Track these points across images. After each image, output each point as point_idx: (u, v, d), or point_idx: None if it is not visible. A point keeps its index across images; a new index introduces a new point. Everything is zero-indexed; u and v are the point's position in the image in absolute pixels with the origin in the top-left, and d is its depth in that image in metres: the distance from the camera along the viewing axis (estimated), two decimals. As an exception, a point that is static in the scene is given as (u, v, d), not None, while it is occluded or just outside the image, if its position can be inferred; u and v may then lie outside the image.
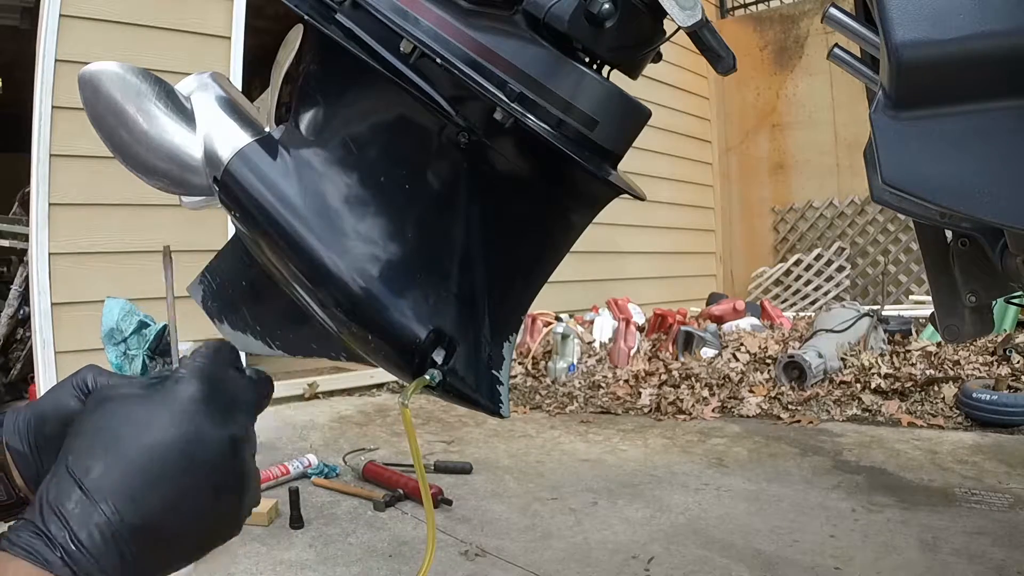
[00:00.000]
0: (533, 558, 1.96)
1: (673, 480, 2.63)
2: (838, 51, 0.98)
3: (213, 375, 0.48)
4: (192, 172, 0.83)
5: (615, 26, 0.75)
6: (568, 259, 0.89)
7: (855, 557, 1.91)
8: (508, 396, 0.83)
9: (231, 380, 0.49)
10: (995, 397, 3.12)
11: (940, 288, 1.19)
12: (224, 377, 0.49)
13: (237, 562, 1.95)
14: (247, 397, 0.50)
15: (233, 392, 0.49)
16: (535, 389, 4.18)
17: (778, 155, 7.48)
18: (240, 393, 0.50)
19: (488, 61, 0.75)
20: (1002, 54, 0.60)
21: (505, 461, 2.91)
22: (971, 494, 2.35)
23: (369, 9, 0.77)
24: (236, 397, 0.49)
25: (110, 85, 0.80)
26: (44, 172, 3.33)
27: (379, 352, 0.80)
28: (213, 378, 0.47)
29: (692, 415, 3.62)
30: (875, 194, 1.04)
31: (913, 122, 0.63)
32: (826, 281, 7.02)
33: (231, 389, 0.49)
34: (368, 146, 0.81)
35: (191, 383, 0.46)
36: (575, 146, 0.76)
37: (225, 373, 0.49)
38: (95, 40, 3.42)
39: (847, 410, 3.48)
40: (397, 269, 0.79)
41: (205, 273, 1.02)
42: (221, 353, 0.50)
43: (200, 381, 0.46)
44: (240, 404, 0.49)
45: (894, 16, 0.61)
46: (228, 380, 0.49)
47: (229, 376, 0.49)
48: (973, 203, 0.63)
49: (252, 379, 0.52)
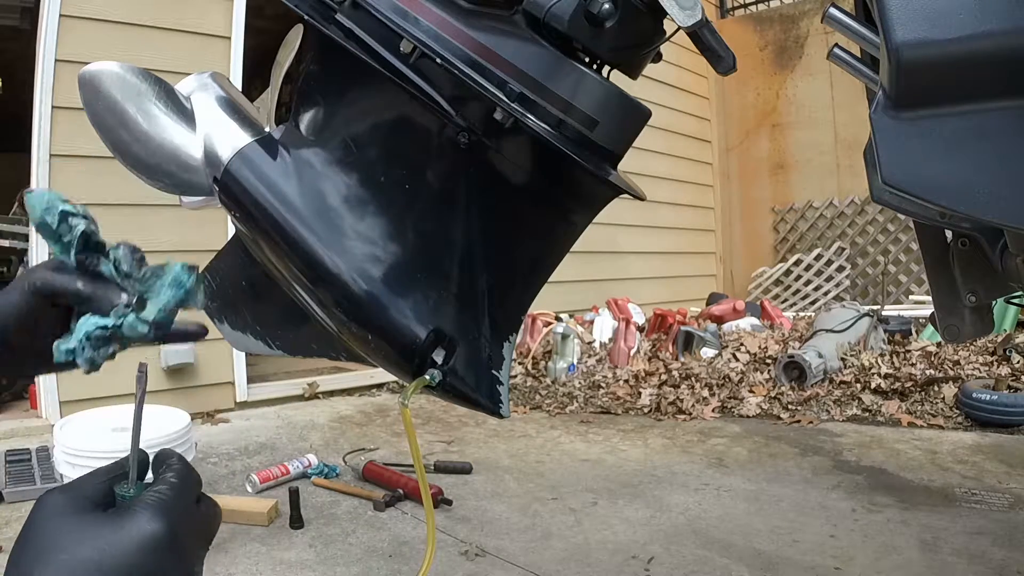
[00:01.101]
0: (533, 558, 1.96)
1: (673, 480, 2.63)
2: (838, 51, 0.98)
3: (178, 511, 0.45)
4: (192, 172, 0.83)
5: (615, 26, 0.75)
6: (568, 259, 0.89)
7: (855, 557, 1.91)
8: (508, 396, 0.83)
9: (193, 514, 0.47)
10: (995, 397, 3.12)
11: (940, 288, 1.19)
12: (188, 512, 0.47)
13: (237, 562, 1.95)
14: (205, 532, 0.49)
15: (193, 529, 0.47)
16: (535, 389, 4.18)
17: (778, 155, 7.47)
18: (200, 526, 0.48)
19: (488, 61, 0.75)
20: (1002, 54, 0.60)
21: (505, 461, 2.91)
22: (971, 494, 2.35)
23: (369, 9, 0.77)
24: (195, 534, 0.47)
25: (110, 85, 0.80)
26: (44, 172, 3.33)
27: (379, 352, 0.80)
28: (178, 514, 0.45)
29: (692, 415, 3.62)
30: (875, 194, 1.04)
31: (913, 122, 0.63)
32: (826, 281, 7.01)
33: (192, 524, 0.47)
34: (368, 146, 0.81)
35: (156, 521, 0.44)
36: (575, 146, 0.76)
37: (189, 507, 0.47)
38: (95, 40, 3.42)
39: (847, 410, 3.48)
40: (397, 269, 0.79)
41: (205, 273, 1.02)
42: (187, 485, 0.48)
43: (165, 519, 0.44)
44: (200, 541, 0.48)
45: (894, 16, 0.61)
46: (191, 514, 0.47)
47: (192, 510, 0.47)
48: (973, 203, 0.63)
49: (211, 514, 0.50)
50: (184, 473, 0.48)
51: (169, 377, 3.63)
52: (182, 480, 0.48)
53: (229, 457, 2.95)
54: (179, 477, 0.48)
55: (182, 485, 0.47)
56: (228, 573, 1.89)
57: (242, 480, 2.59)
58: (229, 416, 3.70)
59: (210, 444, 3.11)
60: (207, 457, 2.91)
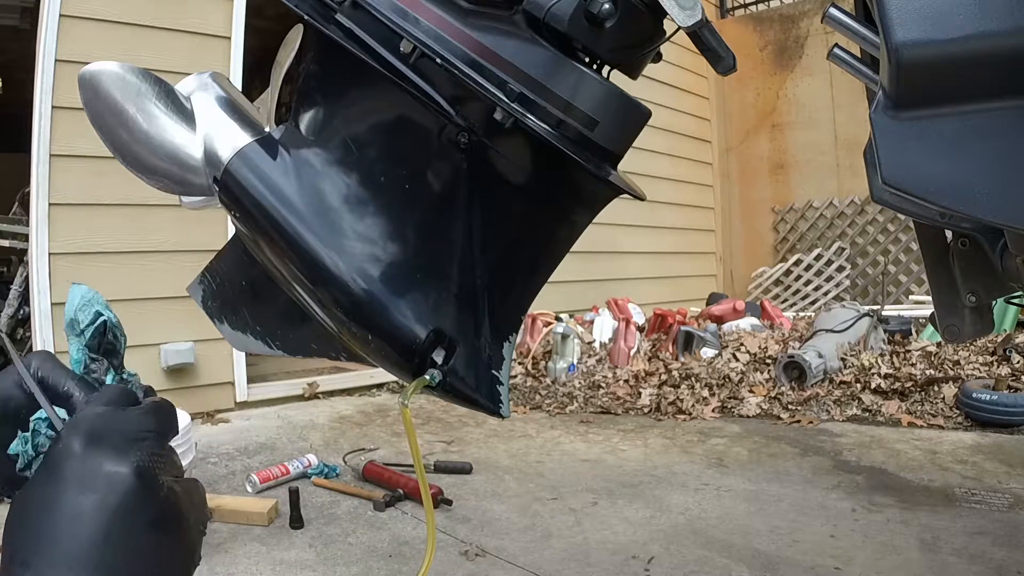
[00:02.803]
0: (533, 558, 1.96)
1: (673, 480, 2.63)
2: (838, 51, 0.98)
3: (94, 422, 0.46)
4: (192, 172, 0.83)
5: (615, 26, 0.75)
6: (568, 259, 0.89)
7: (855, 557, 1.91)
8: (508, 396, 0.83)
9: (120, 419, 0.47)
10: (995, 397, 3.12)
11: (940, 288, 1.19)
12: (110, 418, 0.46)
13: (237, 562, 1.95)
14: (141, 427, 0.47)
15: (123, 428, 0.46)
16: (535, 389, 4.18)
17: (778, 155, 7.48)
18: (132, 426, 0.47)
19: (488, 61, 0.75)
20: (1002, 54, 0.60)
21: (505, 461, 2.91)
22: (971, 494, 2.35)
23: (369, 9, 0.77)
24: (129, 432, 0.46)
25: (110, 85, 0.80)
26: (44, 172, 3.33)
27: (379, 352, 0.80)
28: (94, 425, 0.45)
29: (692, 415, 3.62)
30: (875, 194, 1.04)
31: (913, 122, 0.63)
32: (826, 281, 7.02)
33: (121, 427, 0.46)
34: (368, 146, 0.81)
35: (71, 439, 0.44)
36: (575, 146, 0.76)
37: (112, 414, 0.47)
38: (95, 40, 3.42)
39: (847, 410, 3.48)
40: (397, 269, 0.79)
41: (205, 273, 1.02)
42: (111, 397, 0.48)
43: (78, 434, 0.44)
44: (135, 435, 0.47)
45: (894, 16, 0.61)
46: (115, 420, 0.47)
47: (116, 416, 0.47)
48: (973, 203, 0.63)
49: (145, 409, 0.49)
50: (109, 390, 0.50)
51: (169, 377, 3.63)
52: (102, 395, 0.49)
53: (229, 457, 2.95)
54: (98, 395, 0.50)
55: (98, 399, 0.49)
56: (228, 573, 1.89)
57: (242, 480, 2.59)
58: (229, 416, 3.70)
59: (210, 444, 3.11)
60: (207, 457, 2.91)
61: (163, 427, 0.49)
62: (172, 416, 0.50)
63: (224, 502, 2.28)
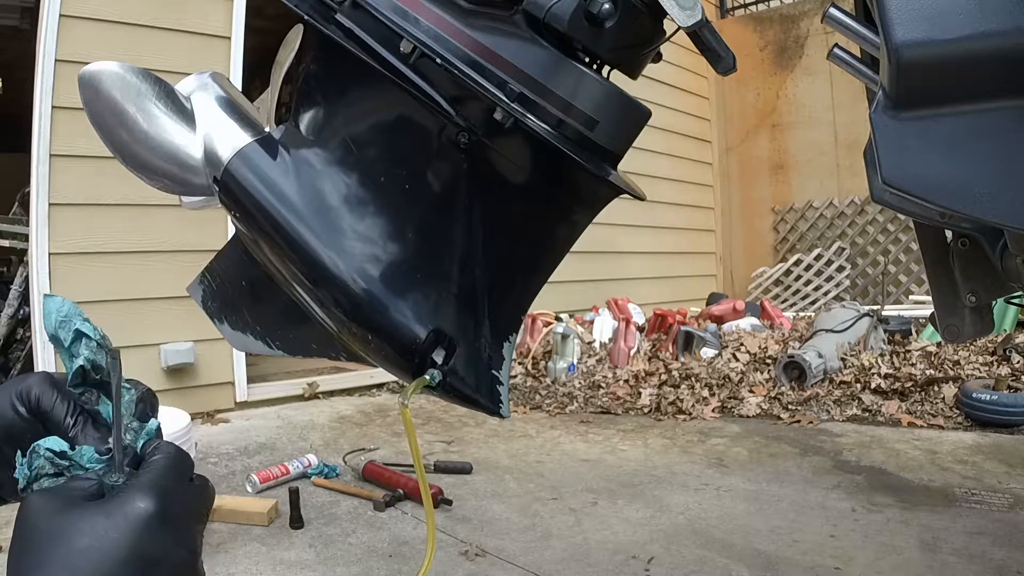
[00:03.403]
0: (533, 558, 1.96)
1: (673, 480, 2.63)
2: (838, 51, 0.98)
3: (167, 488, 0.45)
4: (192, 172, 0.83)
5: (615, 26, 0.75)
6: (568, 259, 0.89)
7: (855, 557, 1.91)
8: (508, 396, 0.83)
9: (184, 492, 0.47)
10: (995, 397, 3.12)
11: (940, 288, 1.19)
12: (179, 489, 0.46)
13: (237, 562, 1.95)
14: (200, 508, 0.48)
15: (189, 506, 0.46)
16: (535, 389, 4.18)
17: (778, 155, 7.48)
18: (195, 504, 0.47)
19: (488, 61, 0.75)
20: (1002, 54, 0.60)
21: (505, 461, 2.91)
22: (971, 494, 2.35)
23: (369, 9, 0.77)
24: (191, 510, 0.47)
25: (110, 85, 0.80)
26: (44, 172, 3.33)
27: (379, 352, 0.80)
28: (168, 491, 0.45)
29: (692, 415, 3.62)
30: (875, 194, 1.04)
31: (913, 122, 0.63)
32: (826, 281, 7.02)
33: (187, 503, 0.46)
34: (368, 146, 0.81)
35: (146, 500, 0.43)
36: (575, 146, 0.76)
37: (181, 486, 0.47)
38: (95, 40, 3.42)
39: (847, 410, 3.48)
40: (397, 269, 0.79)
41: (205, 273, 1.02)
42: (177, 465, 0.47)
43: (155, 496, 0.43)
44: (196, 515, 0.47)
45: (894, 16, 0.61)
46: (184, 494, 0.46)
47: (184, 490, 0.47)
48: (973, 203, 0.63)
49: (203, 488, 0.49)
50: (173, 453, 0.47)
51: (169, 377, 3.63)
52: (170, 459, 0.47)
53: (229, 457, 2.95)
54: (167, 457, 0.47)
55: (170, 463, 0.47)
56: (228, 573, 1.89)
57: (242, 480, 2.59)
58: (229, 416, 3.70)
59: (210, 444, 3.11)
60: (207, 457, 2.91)
61: (210, 507, 0.50)
62: (214, 495, 0.51)
63: (224, 502, 2.28)
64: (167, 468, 0.46)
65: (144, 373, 3.50)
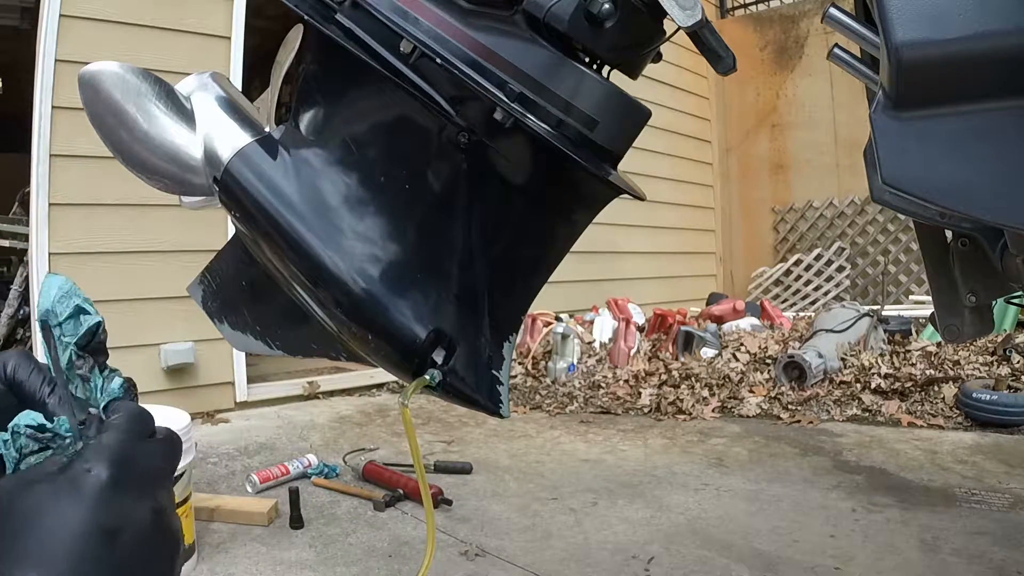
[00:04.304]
0: (533, 558, 1.96)
1: (673, 480, 2.63)
2: (838, 51, 0.98)
3: (124, 454, 0.44)
4: (192, 172, 0.83)
5: (615, 26, 0.75)
6: (568, 259, 0.89)
7: (855, 557, 1.91)
8: (508, 396, 0.83)
9: (144, 453, 0.46)
10: (995, 397, 3.12)
11: (940, 288, 1.19)
12: (137, 451, 0.45)
13: (237, 562, 1.95)
14: (163, 464, 0.47)
15: (148, 464, 0.46)
16: (535, 389, 4.18)
17: (778, 155, 7.48)
18: (155, 462, 0.47)
19: (488, 61, 0.75)
20: (1002, 54, 0.60)
21: (505, 461, 2.91)
22: (971, 494, 2.35)
23: (369, 9, 0.77)
24: (151, 468, 0.46)
25: (110, 85, 0.80)
26: (44, 172, 3.33)
27: (379, 352, 0.80)
28: (125, 457, 0.44)
29: (692, 415, 3.62)
30: (875, 194, 1.04)
31: (913, 122, 0.63)
32: (826, 281, 7.01)
33: (145, 462, 0.46)
34: (368, 146, 0.81)
35: (101, 467, 0.43)
36: (575, 146, 0.76)
37: (138, 446, 0.46)
38: (95, 40, 3.42)
39: (847, 410, 3.48)
40: (397, 269, 0.79)
41: (205, 273, 1.02)
42: (134, 424, 0.46)
43: (110, 462, 0.43)
44: (157, 472, 0.46)
45: (894, 16, 0.61)
46: (141, 454, 0.46)
47: (142, 449, 0.46)
48: (973, 203, 0.63)
49: (165, 443, 0.48)
50: (129, 411, 0.47)
51: (169, 377, 3.63)
52: (126, 419, 0.46)
53: (229, 457, 2.95)
54: (122, 417, 0.46)
55: (126, 423, 0.46)
56: (228, 573, 1.89)
57: (242, 480, 2.59)
58: (229, 416, 3.70)
59: (210, 444, 3.11)
60: (207, 457, 2.91)
61: (176, 462, 0.49)
62: (180, 447, 0.50)
63: (224, 502, 2.28)
64: (122, 430, 0.46)
65: (144, 373, 3.50)
